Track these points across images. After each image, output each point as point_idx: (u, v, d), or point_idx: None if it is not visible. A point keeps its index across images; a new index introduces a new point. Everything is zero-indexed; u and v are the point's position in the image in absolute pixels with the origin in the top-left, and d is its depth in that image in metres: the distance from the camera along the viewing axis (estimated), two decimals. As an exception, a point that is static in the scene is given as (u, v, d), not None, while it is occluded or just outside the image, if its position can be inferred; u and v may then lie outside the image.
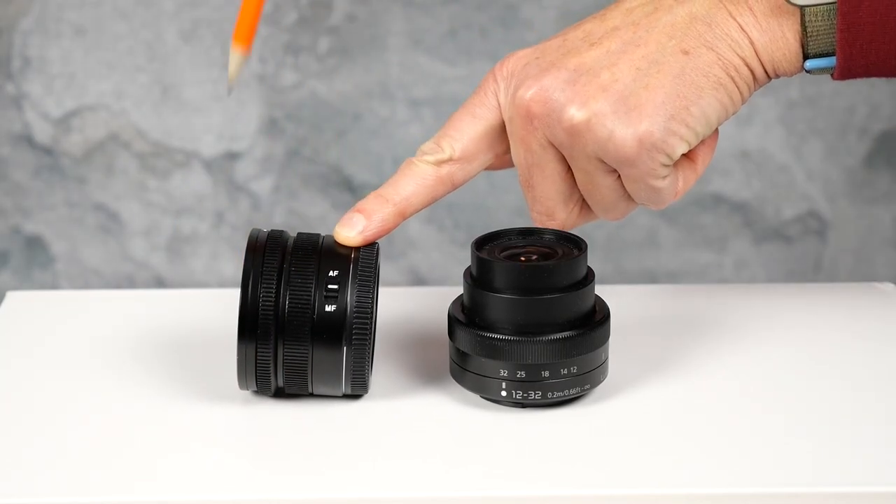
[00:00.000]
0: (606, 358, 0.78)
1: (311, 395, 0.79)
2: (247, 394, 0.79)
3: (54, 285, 1.25)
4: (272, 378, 0.77)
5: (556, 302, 0.76)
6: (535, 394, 0.76)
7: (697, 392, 0.80)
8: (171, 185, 1.23)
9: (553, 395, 0.77)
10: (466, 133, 0.81)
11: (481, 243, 0.79)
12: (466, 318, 0.78)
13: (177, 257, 1.25)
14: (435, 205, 1.23)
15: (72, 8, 1.20)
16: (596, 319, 0.78)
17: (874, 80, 1.28)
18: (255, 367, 0.76)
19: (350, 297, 0.76)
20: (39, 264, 1.25)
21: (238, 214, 1.24)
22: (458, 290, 0.80)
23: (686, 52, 0.78)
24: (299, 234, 0.78)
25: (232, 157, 1.23)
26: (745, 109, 1.27)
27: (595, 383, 0.78)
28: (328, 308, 0.75)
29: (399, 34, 1.21)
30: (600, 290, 0.81)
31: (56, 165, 1.23)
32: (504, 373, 0.76)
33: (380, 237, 0.79)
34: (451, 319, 0.78)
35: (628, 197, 0.81)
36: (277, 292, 0.76)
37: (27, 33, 1.20)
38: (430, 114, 1.24)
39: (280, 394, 0.79)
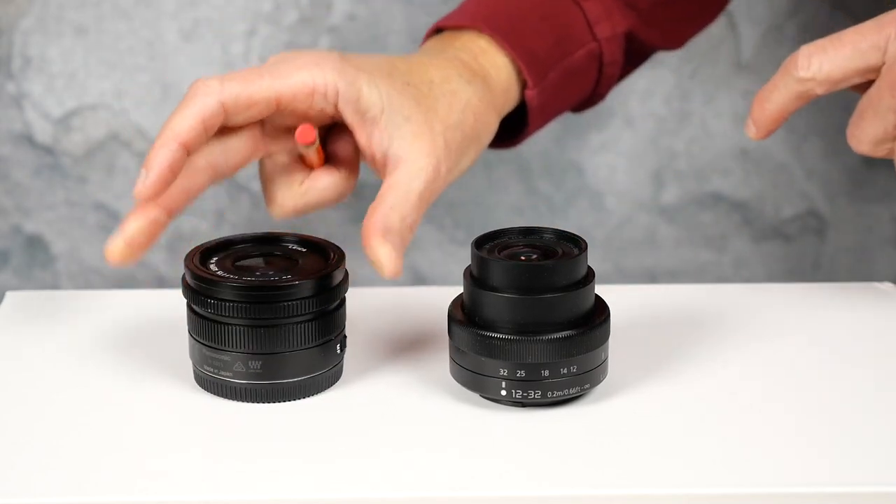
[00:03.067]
0: (606, 357, 0.79)
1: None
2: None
3: (55, 285, 1.25)
4: None
5: (556, 301, 0.76)
6: (535, 393, 0.77)
7: (697, 392, 0.80)
8: (171, 185, 1.23)
9: (553, 394, 0.77)
10: (840, 63, 0.86)
11: (481, 242, 0.79)
12: (466, 317, 0.78)
13: (177, 257, 1.25)
14: (434, 204, 1.23)
15: (72, 7, 1.20)
16: (596, 319, 0.78)
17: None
18: None
19: None
20: (40, 264, 1.25)
21: (238, 214, 1.24)
22: (459, 289, 0.80)
23: None
24: None
25: (232, 156, 1.23)
26: (745, 109, 1.27)
27: (595, 383, 0.78)
28: None
29: (399, 34, 1.21)
30: (600, 289, 0.81)
31: (56, 165, 1.23)
32: (504, 372, 0.76)
33: None
34: (451, 318, 0.78)
35: None
36: None
37: (28, 33, 1.20)
38: (430, 113, 1.24)
39: None
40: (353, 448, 0.75)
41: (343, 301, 0.80)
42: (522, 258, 0.78)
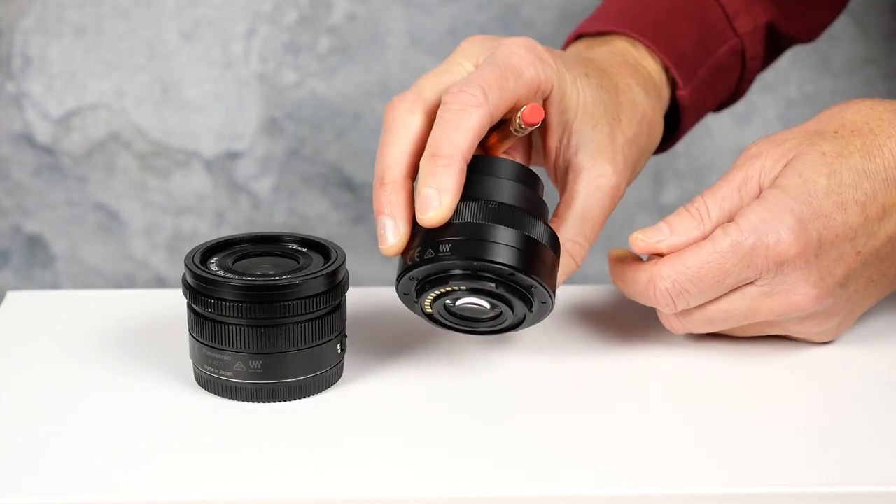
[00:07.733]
0: None
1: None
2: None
3: (55, 285, 1.25)
4: None
5: None
6: None
7: (697, 391, 0.80)
8: (171, 185, 1.24)
9: None
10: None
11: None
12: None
13: (177, 257, 1.25)
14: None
15: (72, 7, 1.20)
16: None
17: (873, 78, 1.28)
18: None
19: None
20: (40, 264, 1.25)
21: (238, 214, 1.24)
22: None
23: None
24: None
25: (232, 156, 1.23)
26: (744, 108, 1.27)
27: None
28: None
29: (399, 34, 1.21)
30: (600, 289, 0.81)
31: (56, 165, 1.23)
32: None
33: None
34: None
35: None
36: None
37: (28, 32, 1.20)
38: (430, 113, 1.25)
39: None
40: (353, 448, 0.75)
41: (343, 301, 0.80)
42: None
